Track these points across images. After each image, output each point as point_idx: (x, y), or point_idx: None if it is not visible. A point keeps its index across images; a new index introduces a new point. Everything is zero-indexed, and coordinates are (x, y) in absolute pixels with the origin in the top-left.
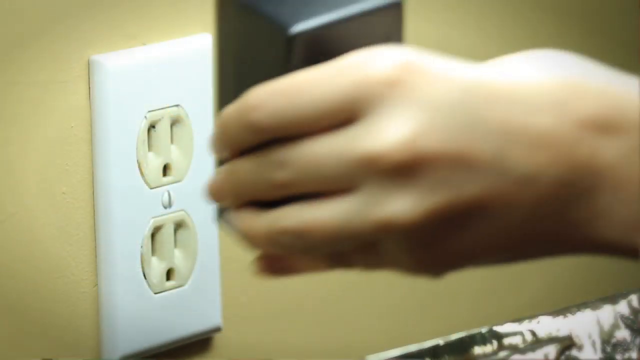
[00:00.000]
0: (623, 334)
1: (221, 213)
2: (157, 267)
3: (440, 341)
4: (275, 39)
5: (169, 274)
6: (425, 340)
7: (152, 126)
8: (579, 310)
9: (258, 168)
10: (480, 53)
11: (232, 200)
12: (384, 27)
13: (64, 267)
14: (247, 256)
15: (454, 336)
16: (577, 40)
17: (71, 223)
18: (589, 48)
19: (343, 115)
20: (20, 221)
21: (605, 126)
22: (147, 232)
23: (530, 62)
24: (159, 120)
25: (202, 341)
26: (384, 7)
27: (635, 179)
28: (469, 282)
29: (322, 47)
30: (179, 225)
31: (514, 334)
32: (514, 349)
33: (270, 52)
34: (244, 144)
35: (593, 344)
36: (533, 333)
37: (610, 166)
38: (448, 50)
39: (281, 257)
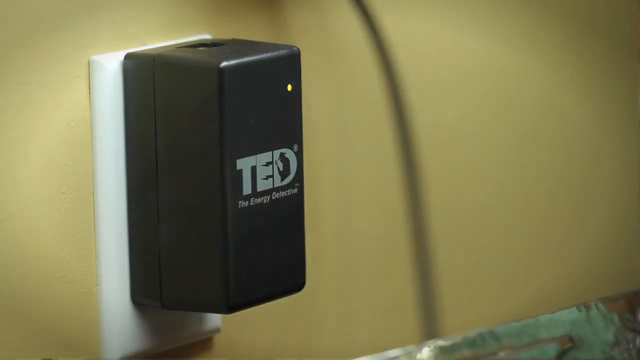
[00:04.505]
0: (623, 334)
1: None
2: None
3: (440, 341)
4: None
5: None
6: (424, 340)
7: None
8: (579, 310)
9: None
10: (485, 53)
11: None
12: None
13: (64, 267)
14: None
15: (454, 336)
16: (577, 40)
17: (71, 223)
18: (589, 48)
19: None
20: (20, 221)
21: None
22: None
23: None
24: None
25: (202, 341)
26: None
27: None
28: (468, 282)
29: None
30: None
31: (514, 334)
32: (514, 349)
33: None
34: None
35: (593, 344)
36: (533, 333)
37: None
38: (454, 50)
39: None
